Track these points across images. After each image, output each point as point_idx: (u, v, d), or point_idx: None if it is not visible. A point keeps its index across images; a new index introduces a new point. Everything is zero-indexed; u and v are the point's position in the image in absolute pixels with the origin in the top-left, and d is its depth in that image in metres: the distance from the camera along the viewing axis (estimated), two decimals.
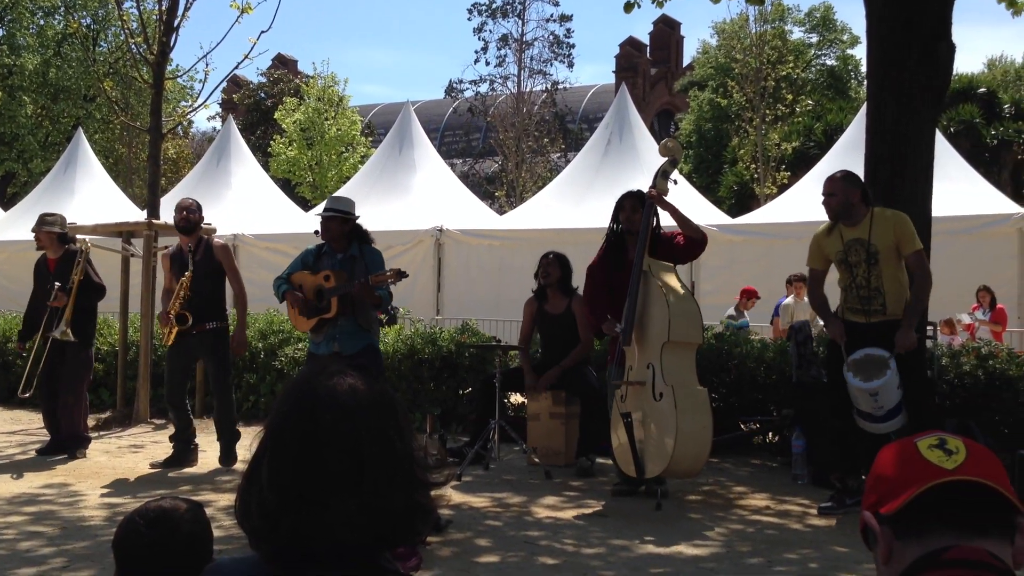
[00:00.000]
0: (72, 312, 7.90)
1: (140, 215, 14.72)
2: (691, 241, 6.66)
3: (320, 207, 10.94)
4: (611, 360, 6.79)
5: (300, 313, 6.72)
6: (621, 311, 6.51)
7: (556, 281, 7.85)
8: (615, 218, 6.92)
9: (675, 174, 6.78)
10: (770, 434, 8.34)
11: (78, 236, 8.82)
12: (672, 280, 6.54)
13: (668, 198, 6.67)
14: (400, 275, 6.36)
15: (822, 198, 6.41)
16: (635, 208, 6.73)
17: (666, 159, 6.77)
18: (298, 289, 6.73)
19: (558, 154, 34.05)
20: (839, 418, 6.34)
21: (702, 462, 6.42)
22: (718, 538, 5.66)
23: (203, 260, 7.58)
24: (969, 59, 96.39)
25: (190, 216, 7.66)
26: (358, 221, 6.90)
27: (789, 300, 12.61)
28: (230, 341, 7.62)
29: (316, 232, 6.86)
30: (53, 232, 8.13)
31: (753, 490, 6.93)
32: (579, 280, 7.95)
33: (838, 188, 6.32)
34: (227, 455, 7.56)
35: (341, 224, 6.74)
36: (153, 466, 7.57)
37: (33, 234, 8.34)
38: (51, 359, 8.04)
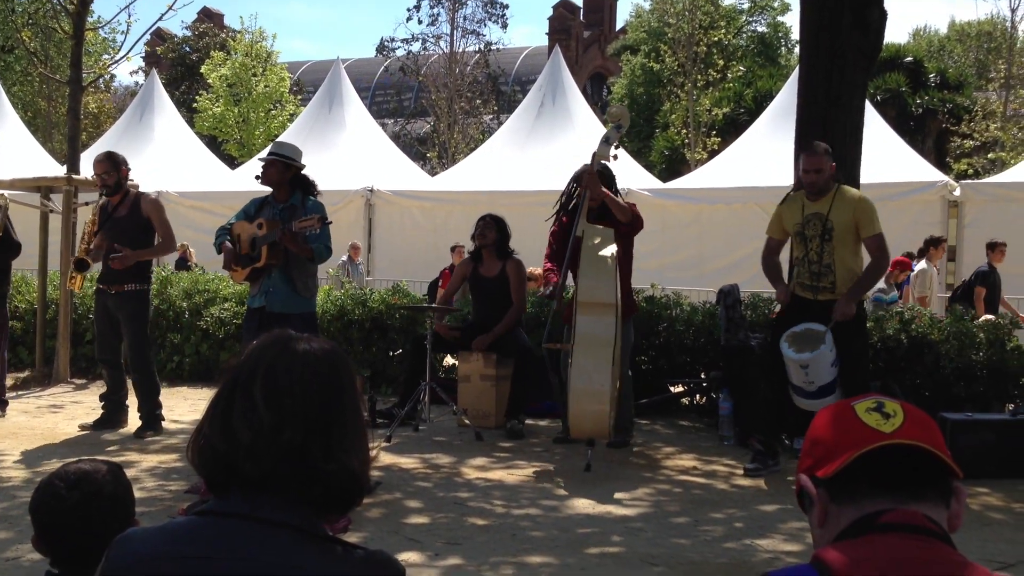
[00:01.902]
0: None
1: (60, 170, 14.29)
2: (624, 224, 6.72)
3: (251, 164, 10.63)
4: (566, 322, 6.83)
5: (234, 264, 6.49)
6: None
7: (492, 243, 7.76)
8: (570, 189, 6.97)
9: (617, 141, 6.74)
10: (698, 396, 8.43)
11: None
12: (598, 244, 6.49)
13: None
14: (324, 221, 6.11)
15: (803, 173, 6.16)
16: (592, 182, 6.72)
17: (611, 125, 6.73)
18: (236, 239, 6.50)
19: (491, 116, 33.84)
20: (770, 385, 6.40)
21: (604, 424, 6.24)
22: (646, 498, 5.70)
23: (127, 217, 7.22)
24: (895, 29, 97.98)
25: (106, 180, 7.20)
26: (303, 172, 6.48)
27: (923, 265, 11.92)
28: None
29: (257, 177, 6.54)
30: None
31: (680, 451, 7.00)
32: (513, 241, 7.91)
33: (826, 164, 6.12)
34: (147, 424, 7.23)
35: (283, 170, 6.34)
36: (83, 428, 7.30)
37: None
38: None
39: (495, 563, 4.51)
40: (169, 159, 18.28)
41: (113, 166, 7.23)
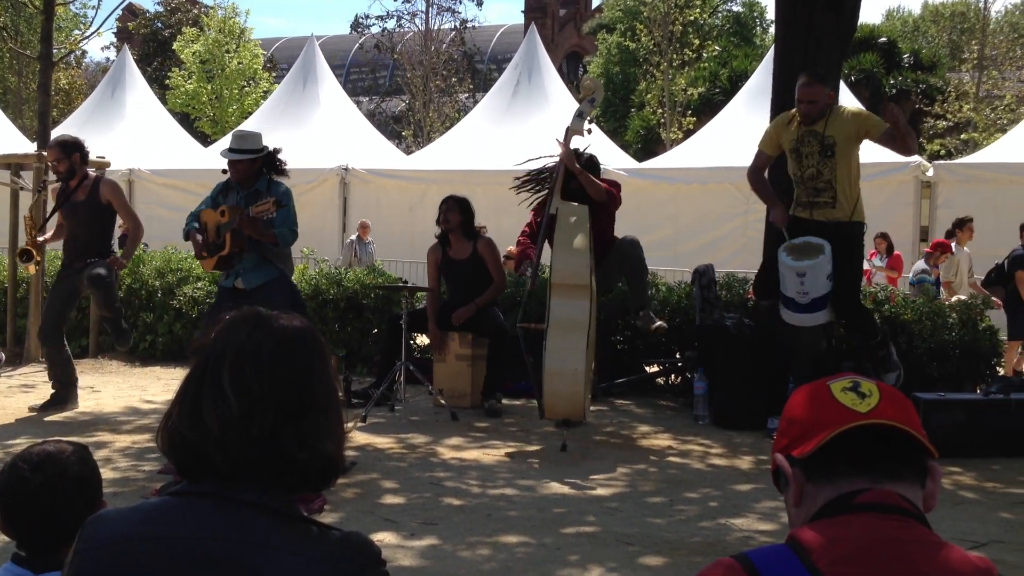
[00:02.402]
0: None
1: (30, 147, 14.10)
2: (598, 202, 6.75)
3: (225, 141, 10.40)
4: None
5: (203, 251, 6.41)
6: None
7: (457, 226, 7.70)
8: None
9: (593, 114, 6.75)
10: (673, 376, 8.45)
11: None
12: (572, 224, 6.45)
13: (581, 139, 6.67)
14: (280, 205, 6.04)
15: (798, 103, 6.23)
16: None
17: (584, 99, 6.71)
18: (203, 227, 6.42)
19: (466, 94, 33.70)
20: (762, 296, 6.53)
21: (578, 405, 6.22)
22: (622, 478, 5.72)
23: (85, 201, 7.04)
24: (869, 9, 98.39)
25: (57, 167, 7.06)
26: (271, 150, 6.32)
27: (952, 247, 11.44)
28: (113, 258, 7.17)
29: (224, 172, 6.41)
30: None
31: (656, 430, 7.03)
32: (489, 219, 7.89)
33: (821, 95, 6.19)
34: (118, 335, 7.40)
35: (249, 165, 6.23)
36: (32, 410, 7.21)
37: None
38: None
39: (471, 543, 4.51)
40: (141, 136, 18.07)
41: (63, 152, 7.05)
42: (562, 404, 6.21)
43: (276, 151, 6.30)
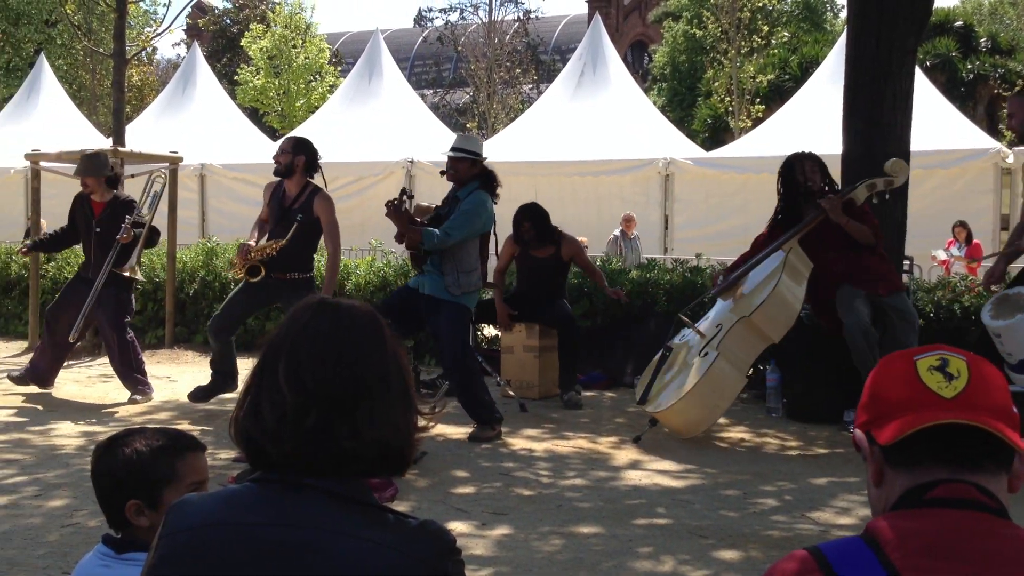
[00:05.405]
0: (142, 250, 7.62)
1: (105, 142, 14.42)
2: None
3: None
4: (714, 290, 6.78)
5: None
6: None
7: (534, 236, 7.71)
8: (801, 171, 6.55)
9: (876, 194, 6.46)
10: None
11: (156, 167, 8.63)
12: (797, 275, 6.31)
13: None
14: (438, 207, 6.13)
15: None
16: (813, 169, 6.50)
17: (884, 177, 6.46)
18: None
19: (530, 85, 33.65)
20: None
21: (694, 430, 6.24)
22: (695, 470, 5.66)
23: (304, 218, 6.70)
24: None
25: (280, 157, 6.78)
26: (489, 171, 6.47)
27: None
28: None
29: (441, 173, 6.49)
30: (102, 177, 7.57)
31: (729, 423, 6.93)
32: (554, 210, 7.86)
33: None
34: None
35: (469, 167, 6.32)
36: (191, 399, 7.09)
37: (80, 177, 7.69)
38: (70, 296, 7.54)
39: (543, 533, 4.50)
40: (212, 131, 18.36)
41: (290, 147, 6.82)
42: (682, 422, 6.22)
43: (492, 173, 6.45)
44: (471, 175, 6.33)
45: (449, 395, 7.32)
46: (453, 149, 6.41)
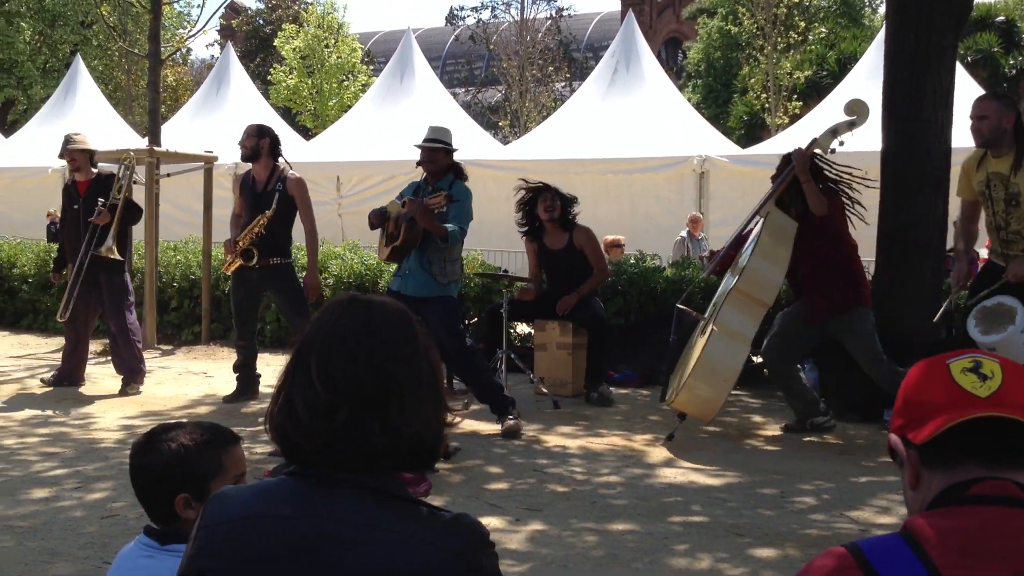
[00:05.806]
0: (117, 230, 7.55)
1: (141, 142, 14.56)
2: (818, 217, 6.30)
3: (328, 134, 10.43)
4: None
5: (383, 244, 6.52)
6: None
7: (559, 216, 7.69)
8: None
9: (846, 136, 6.45)
10: None
11: (126, 150, 8.74)
12: (777, 237, 6.24)
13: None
14: (451, 200, 6.12)
15: (970, 122, 5.89)
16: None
17: (845, 119, 6.46)
18: (387, 218, 6.46)
19: (563, 83, 33.58)
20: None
21: (711, 412, 6.18)
22: (731, 468, 5.61)
23: (280, 195, 7.02)
24: None
25: (245, 143, 7.12)
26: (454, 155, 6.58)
27: None
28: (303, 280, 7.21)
29: (417, 164, 6.62)
30: (87, 151, 7.70)
31: (766, 421, 6.88)
32: (587, 208, 7.83)
33: (991, 110, 5.82)
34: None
35: (444, 156, 6.44)
36: (226, 400, 7.24)
37: (67, 155, 7.82)
38: (86, 284, 7.64)
39: (577, 529, 4.48)
40: None
41: (254, 132, 7.23)
42: (694, 404, 6.15)
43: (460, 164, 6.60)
44: (446, 165, 6.43)
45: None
46: (431, 140, 6.46)
